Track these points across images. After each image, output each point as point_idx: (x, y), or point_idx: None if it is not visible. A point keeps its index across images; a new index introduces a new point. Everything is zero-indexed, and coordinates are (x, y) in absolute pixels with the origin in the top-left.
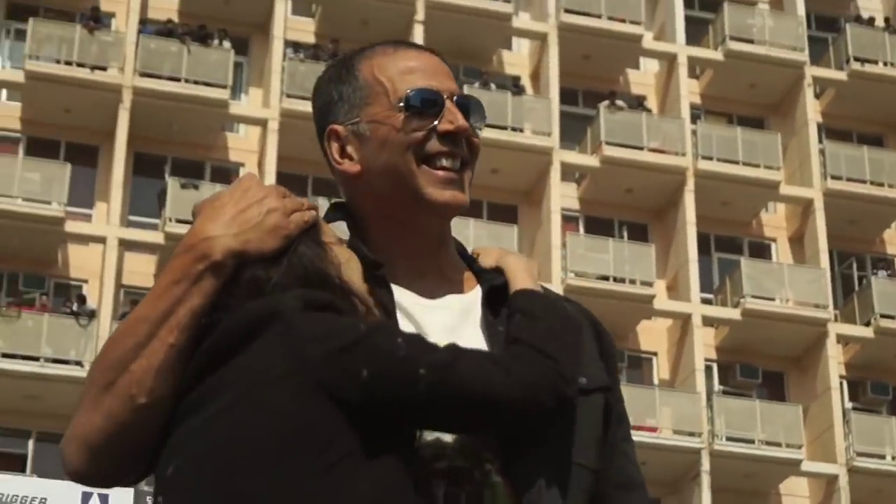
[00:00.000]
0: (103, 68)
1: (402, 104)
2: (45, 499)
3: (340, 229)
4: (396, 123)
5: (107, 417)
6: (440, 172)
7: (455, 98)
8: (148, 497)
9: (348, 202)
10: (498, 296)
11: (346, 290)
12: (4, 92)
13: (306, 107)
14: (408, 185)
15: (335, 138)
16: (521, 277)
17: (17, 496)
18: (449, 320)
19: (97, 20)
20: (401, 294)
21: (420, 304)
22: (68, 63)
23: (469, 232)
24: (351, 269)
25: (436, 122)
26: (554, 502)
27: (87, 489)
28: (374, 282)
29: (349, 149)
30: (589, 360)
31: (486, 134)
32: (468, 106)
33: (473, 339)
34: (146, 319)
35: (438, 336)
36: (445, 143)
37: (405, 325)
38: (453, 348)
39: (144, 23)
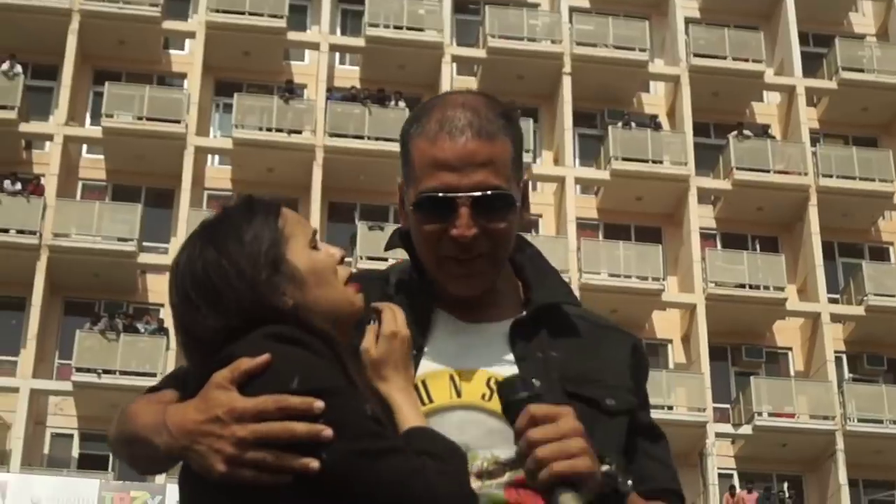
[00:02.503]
0: (298, 132)
1: (413, 205)
2: None
3: (400, 253)
4: (417, 217)
5: (128, 458)
6: (453, 270)
7: (473, 197)
8: None
9: None
10: (534, 322)
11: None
12: (217, 157)
13: None
14: (431, 269)
15: (401, 190)
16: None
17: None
18: (477, 342)
19: (291, 91)
20: (441, 317)
21: (455, 327)
22: (268, 129)
23: (619, 252)
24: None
25: (446, 225)
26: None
27: None
28: (418, 307)
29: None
30: (619, 381)
31: (631, 167)
32: (486, 202)
33: (494, 360)
34: (135, 433)
35: (461, 356)
36: (455, 247)
37: (436, 345)
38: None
39: (331, 91)
